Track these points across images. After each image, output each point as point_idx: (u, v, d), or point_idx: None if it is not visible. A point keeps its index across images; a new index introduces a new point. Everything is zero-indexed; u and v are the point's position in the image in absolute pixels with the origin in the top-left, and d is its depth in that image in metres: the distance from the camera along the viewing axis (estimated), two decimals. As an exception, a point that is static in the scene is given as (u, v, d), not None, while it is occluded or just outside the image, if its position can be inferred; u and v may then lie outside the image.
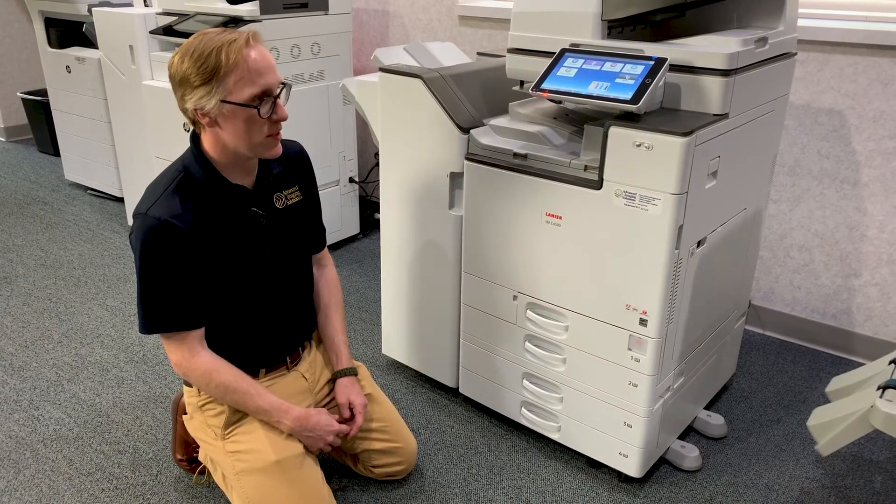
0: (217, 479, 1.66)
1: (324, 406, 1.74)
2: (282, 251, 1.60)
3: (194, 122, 1.45)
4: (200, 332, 1.53)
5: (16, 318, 2.64)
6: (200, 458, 1.73)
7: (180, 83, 1.39)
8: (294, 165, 1.65)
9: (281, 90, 1.43)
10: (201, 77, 1.35)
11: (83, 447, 1.96)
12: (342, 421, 1.67)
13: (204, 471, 1.78)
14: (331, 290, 1.79)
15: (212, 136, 1.45)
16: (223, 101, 1.37)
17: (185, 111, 1.42)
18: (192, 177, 1.46)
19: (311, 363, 1.74)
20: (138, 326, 1.50)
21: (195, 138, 1.49)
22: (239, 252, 1.51)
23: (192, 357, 1.50)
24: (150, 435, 2.01)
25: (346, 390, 1.71)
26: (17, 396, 2.18)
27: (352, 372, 1.73)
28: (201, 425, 1.63)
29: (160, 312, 1.47)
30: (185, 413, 1.70)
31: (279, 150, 1.49)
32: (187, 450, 1.83)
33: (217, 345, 1.56)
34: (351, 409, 1.68)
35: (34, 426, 2.05)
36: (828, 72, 2.24)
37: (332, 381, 1.74)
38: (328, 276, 1.80)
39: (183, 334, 1.50)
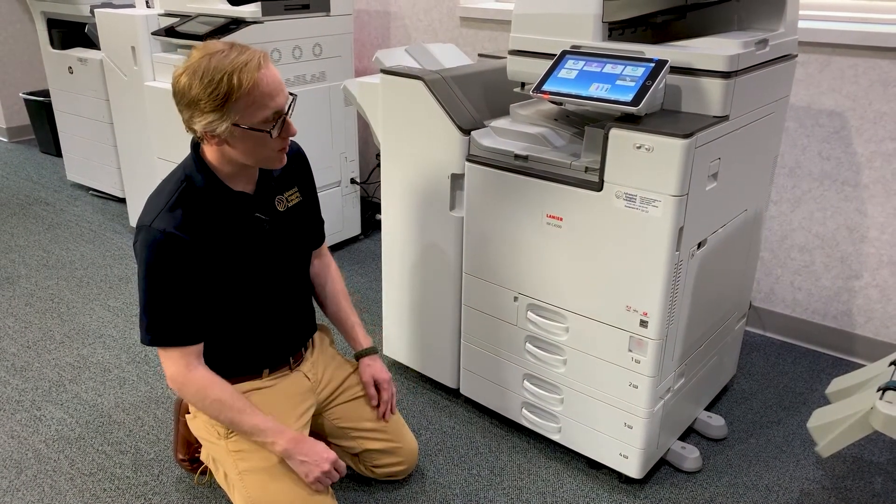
0: (219, 478, 1.66)
1: (327, 404, 1.75)
2: (285, 253, 1.61)
3: (201, 139, 1.44)
4: (199, 347, 1.52)
5: (18, 318, 2.64)
6: (202, 457, 1.74)
7: (188, 105, 1.36)
8: (292, 166, 1.65)
9: (289, 106, 1.43)
10: (212, 103, 1.33)
11: (85, 447, 1.97)
12: (334, 455, 1.57)
13: (206, 471, 1.79)
14: (335, 278, 1.82)
15: (217, 149, 1.44)
16: (235, 125, 1.36)
17: (191, 129, 1.40)
18: (194, 186, 1.45)
19: (314, 363, 1.74)
20: (140, 337, 1.49)
21: (196, 146, 1.48)
22: (243, 258, 1.51)
23: (188, 372, 1.49)
24: (152, 435, 2.02)
25: (369, 369, 1.74)
26: (20, 397, 2.19)
27: (372, 350, 1.76)
28: (204, 424, 1.63)
29: (164, 325, 1.46)
30: (188, 413, 1.70)
31: (284, 161, 1.49)
32: (189, 450, 1.83)
33: (221, 347, 1.56)
34: (377, 388, 1.72)
35: (36, 426, 2.05)
36: (828, 73, 2.24)
37: (366, 353, 1.78)
38: (331, 266, 1.82)
39: (185, 348, 1.49)
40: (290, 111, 1.43)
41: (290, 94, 1.44)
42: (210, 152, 1.46)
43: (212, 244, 1.45)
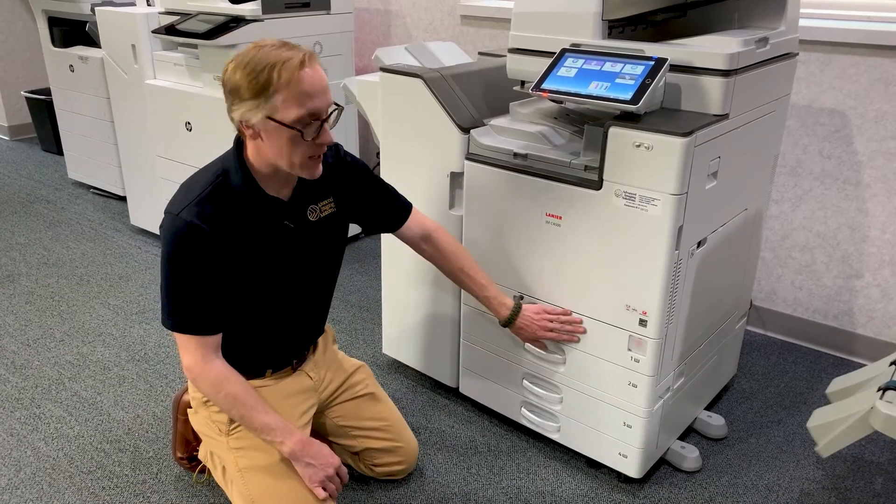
0: (217, 475, 1.66)
1: (329, 403, 1.75)
2: (308, 263, 1.59)
3: (240, 131, 1.44)
4: (218, 338, 1.51)
5: (18, 316, 2.65)
6: (200, 455, 1.74)
7: (231, 92, 1.38)
8: (330, 175, 1.61)
9: (331, 113, 1.41)
10: (251, 91, 1.34)
11: (84, 445, 1.97)
12: (339, 460, 1.59)
13: (204, 469, 1.79)
14: (458, 251, 1.79)
15: (254, 146, 1.44)
16: (268, 118, 1.36)
17: (231, 119, 1.41)
18: (229, 182, 1.45)
19: (317, 363, 1.74)
20: (162, 320, 1.48)
21: (239, 143, 1.47)
22: (266, 263, 1.50)
23: (204, 364, 1.48)
24: (151, 433, 2.02)
25: (524, 332, 1.78)
26: (19, 394, 2.19)
27: (515, 313, 1.78)
28: (205, 420, 1.63)
29: (183, 313, 1.45)
30: (189, 408, 1.70)
31: (319, 172, 1.46)
32: (188, 448, 1.83)
33: (227, 345, 1.55)
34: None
35: (35, 424, 2.06)
36: (829, 72, 2.24)
37: (508, 325, 1.80)
38: (444, 237, 1.79)
39: (202, 338, 1.48)
40: (330, 118, 1.40)
41: (336, 104, 1.42)
42: (250, 150, 1.45)
43: (235, 243, 1.44)
